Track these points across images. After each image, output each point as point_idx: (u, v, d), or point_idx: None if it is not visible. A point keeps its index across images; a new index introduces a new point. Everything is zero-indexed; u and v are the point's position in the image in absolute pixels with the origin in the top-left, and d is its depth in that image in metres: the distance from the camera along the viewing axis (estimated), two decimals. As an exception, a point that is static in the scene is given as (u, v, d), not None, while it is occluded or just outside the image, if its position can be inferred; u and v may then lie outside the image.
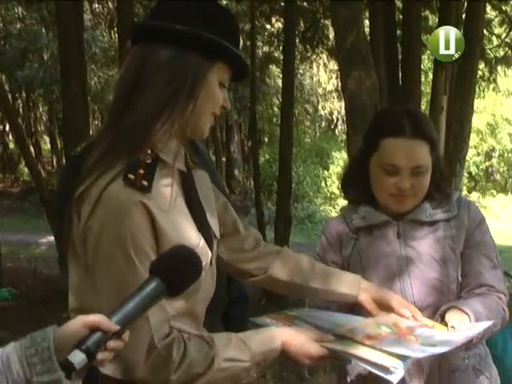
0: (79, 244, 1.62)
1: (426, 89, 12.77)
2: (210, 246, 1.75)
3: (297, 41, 12.25)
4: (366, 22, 8.52)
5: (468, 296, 2.16)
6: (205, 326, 1.85)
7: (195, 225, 1.71)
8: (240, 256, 1.99)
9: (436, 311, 2.14)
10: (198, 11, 1.67)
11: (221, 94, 1.72)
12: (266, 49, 15.21)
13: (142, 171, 1.58)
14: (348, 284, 2.02)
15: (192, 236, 1.67)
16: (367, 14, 8.90)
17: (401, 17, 8.58)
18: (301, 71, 20.62)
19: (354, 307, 2.08)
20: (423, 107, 12.47)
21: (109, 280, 1.58)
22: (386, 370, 1.65)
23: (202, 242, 1.70)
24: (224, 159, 26.17)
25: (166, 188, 1.64)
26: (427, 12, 10.70)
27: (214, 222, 1.83)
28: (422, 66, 10.49)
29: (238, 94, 17.63)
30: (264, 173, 19.05)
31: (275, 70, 18.47)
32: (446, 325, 1.96)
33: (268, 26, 14.74)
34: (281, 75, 12.42)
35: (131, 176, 1.56)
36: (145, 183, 1.57)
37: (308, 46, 12.91)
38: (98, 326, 1.29)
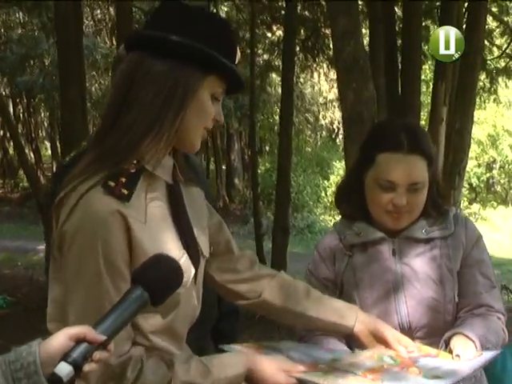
0: (56, 250, 1.59)
1: (427, 99, 12.70)
2: (195, 264, 1.70)
3: (297, 49, 12.25)
4: (366, 32, 8.49)
5: (467, 317, 2.12)
6: (194, 341, 1.80)
7: (180, 240, 1.67)
8: (232, 277, 1.92)
9: (432, 331, 2.11)
10: (195, 23, 1.64)
11: (212, 108, 1.69)
12: (266, 57, 15.17)
13: (123, 179, 1.56)
14: (344, 314, 1.93)
15: (171, 249, 1.61)
16: (367, 23, 8.86)
17: (401, 26, 8.54)
18: (302, 80, 20.58)
19: (350, 338, 2.02)
20: (423, 118, 12.42)
21: (76, 291, 1.55)
22: None
23: (185, 258, 1.65)
24: (224, 167, 26.16)
25: (148, 199, 1.60)
26: (428, 21, 10.67)
27: (202, 240, 1.78)
28: (424, 77, 10.45)
29: (239, 103, 17.61)
30: (264, 182, 19.04)
31: (276, 78, 18.44)
32: (450, 352, 1.90)
33: (269, 35, 14.73)
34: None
35: (111, 183, 1.54)
36: (125, 192, 1.55)
37: (309, 55, 12.85)
38: (83, 338, 1.27)
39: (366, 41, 7.16)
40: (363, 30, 6.65)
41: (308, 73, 17.32)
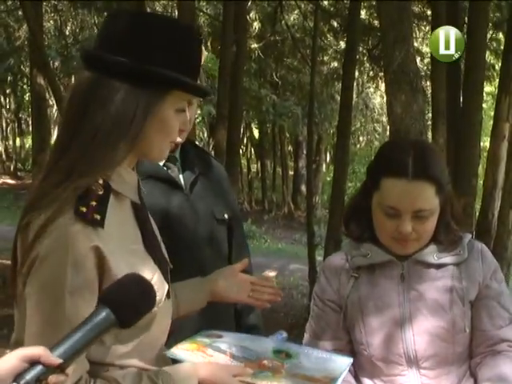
0: (25, 270, 1.52)
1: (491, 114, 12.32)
2: (166, 279, 1.70)
3: (364, 59, 12.08)
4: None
5: (489, 354, 2.06)
6: None
7: (151, 257, 1.65)
8: None
9: (439, 362, 2.03)
10: (153, 39, 1.58)
11: (177, 123, 1.67)
12: (334, 65, 15.05)
13: (93, 203, 1.50)
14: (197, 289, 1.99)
15: (145, 271, 1.57)
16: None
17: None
18: (371, 90, 20.35)
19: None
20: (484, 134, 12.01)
21: (36, 314, 1.49)
22: None
23: (157, 276, 1.64)
24: (292, 173, 26.12)
25: (119, 221, 1.59)
26: (499, 35, 10.31)
27: (165, 251, 1.79)
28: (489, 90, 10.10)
29: (306, 110, 17.53)
30: (328, 191, 18.86)
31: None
32: None
33: (339, 43, 14.62)
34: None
35: (83, 209, 1.49)
36: (97, 217, 1.51)
37: (375, 65, 12.65)
38: (37, 359, 1.21)
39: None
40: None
41: (376, 82, 17.09)
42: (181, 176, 2.45)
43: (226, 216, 2.55)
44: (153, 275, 1.61)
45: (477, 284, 2.07)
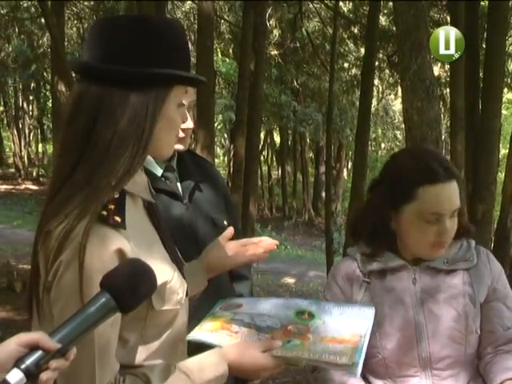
0: (48, 282, 1.51)
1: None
2: (184, 276, 1.68)
3: (384, 65, 12.05)
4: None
5: (498, 353, 2.11)
6: None
7: (169, 256, 1.65)
8: None
9: (452, 363, 2.09)
10: (141, 46, 1.58)
11: (179, 118, 1.67)
12: (354, 71, 15.03)
13: (112, 206, 1.51)
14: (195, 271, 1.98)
15: (166, 269, 1.59)
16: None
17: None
18: (392, 97, 20.28)
19: None
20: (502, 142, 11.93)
21: (65, 317, 1.44)
22: (347, 366, 1.59)
23: (177, 274, 1.63)
24: (312, 180, 26.09)
25: (136, 221, 1.58)
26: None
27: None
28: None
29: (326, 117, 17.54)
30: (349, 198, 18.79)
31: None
32: None
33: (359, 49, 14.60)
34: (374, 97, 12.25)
35: (104, 213, 1.49)
36: (118, 219, 1.50)
37: (394, 72, 12.62)
38: (36, 345, 1.21)
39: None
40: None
41: (396, 89, 17.03)
42: (179, 184, 2.46)
43: (225, 223, 2.56)
44: (173, 273, 1.61)
45: (486, 287, 2.13)
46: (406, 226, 2.10)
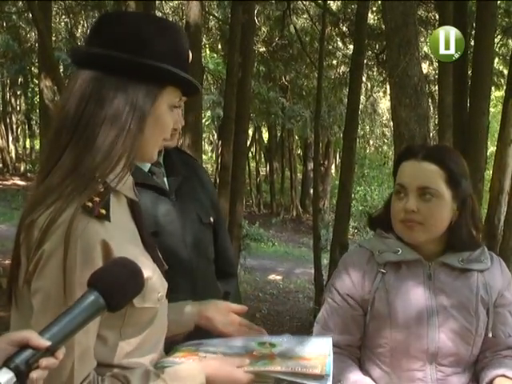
0: (28, 273, 1.50)
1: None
2: (164, 277, 1.69)
3: (372, 63, 12.05)
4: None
5: (495, 357, 2.15)
6: None
7: (150, 256, 1.65)
8: None
9: (457, 361, 2.12)
10: (142, 38, 1.60)
11: (171, 120, 1.69)
12: (342, 69, 15.03)
13: (97, 199, 1.50)
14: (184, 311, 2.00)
15: (147, 267, 1.57)
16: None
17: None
18: (381, 94, 20.31)
19: None
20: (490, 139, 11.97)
21: (47, 307, 1.47)
22: (319, 377, 1.60)
23: (158, 273, 1.64)
24: (300, 176, 26.10)
25: (119, 217, 1.58)
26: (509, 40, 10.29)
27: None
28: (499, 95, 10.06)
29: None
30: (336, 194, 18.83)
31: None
32: None
33: (347, 46, 14.61)
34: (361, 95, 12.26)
35: (89, 204, 1.48)
36: (103, 211, 1.50)
37: (383, 70, 12.63)
38: (26, 343, 1.20)
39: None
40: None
41: (384, 87, 17.07)
42: (165, 179, 2.46)
43: (211, 219, 2.58)
44: (153, 272, 1.61)
45: (496, 292, 2.17)
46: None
